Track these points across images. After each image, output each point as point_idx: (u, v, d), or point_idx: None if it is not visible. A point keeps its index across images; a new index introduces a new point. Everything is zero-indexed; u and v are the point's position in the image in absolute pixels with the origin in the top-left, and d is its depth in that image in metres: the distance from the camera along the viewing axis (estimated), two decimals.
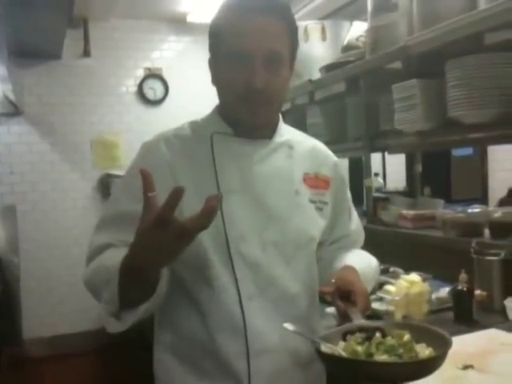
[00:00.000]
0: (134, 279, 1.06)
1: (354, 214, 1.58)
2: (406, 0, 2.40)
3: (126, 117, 4.65)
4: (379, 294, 2.09)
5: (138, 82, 4.69)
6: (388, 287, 2.05)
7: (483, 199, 3.34)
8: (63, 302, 4.40)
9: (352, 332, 1.13)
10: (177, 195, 0.93)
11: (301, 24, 3.27)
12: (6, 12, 3.05)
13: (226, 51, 1.27)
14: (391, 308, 1.92)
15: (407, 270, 2.28)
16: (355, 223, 1.57)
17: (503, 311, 1.85)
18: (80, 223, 4.43)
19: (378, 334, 1.11)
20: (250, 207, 1.30)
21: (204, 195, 1.26)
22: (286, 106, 3.56)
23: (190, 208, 1.00)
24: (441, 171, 3.96)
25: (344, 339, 1.12)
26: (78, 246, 4.41)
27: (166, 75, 4.73)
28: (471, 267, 2.00)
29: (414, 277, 1.99)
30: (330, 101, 3.20)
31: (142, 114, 4.69)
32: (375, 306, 2.00)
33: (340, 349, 1.09)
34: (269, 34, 1.25)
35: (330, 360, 1.08)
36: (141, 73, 4.70)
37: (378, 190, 3.70)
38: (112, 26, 4.55)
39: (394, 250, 2.67)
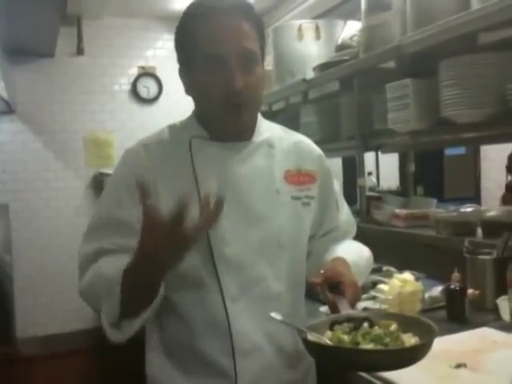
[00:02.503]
0: (137, 285, 1.10)
1: (344, 204, 1.58)
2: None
3: (120, 115, 4.63)
4: (372, 292, 2.10)
5: (131, 80, 4.67)
6: (381, 286, 2.05)
7: (476, 198, 3.36)
8: (56, 302, 4.38)
9: (340, 322, 1.13)
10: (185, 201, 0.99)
11: (295, 23, 3.28)
12: None
13: (200, 57, 1.26)
14: (384, 307, 1.93)
15: (400, 269, 2.29)
16: (345, 214, 1.57)
17: (495, 310, 1.86)
18: (73, 222, 4.41)
19: (365, 324, 1.11)
20: (232, 210, 1.29)
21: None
22: (280, 105, 3.56)
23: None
24: (434, 170, 3.97)
25: (332, 329, 1.13)
26: (71, 245, 4.34)
27: (159, 74, 4.71)
28: (464, 266, 2.01)
29: (407, 276, 2.00)
30: (324, 100, 3.21)
31: (136, 113, 4.67)
32: (368, 304, 2.01)
33: (327, 338, 1.09)
34: (239, 34, 1.25)
35: (315, 348, 1.09)
36: (134, 71, 4.69)
37: (372, 189, 3.71)
38: (105, 24, 4.53)
39: (387, 249, 2.68)
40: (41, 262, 4.38)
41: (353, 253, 1.43)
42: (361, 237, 1.64)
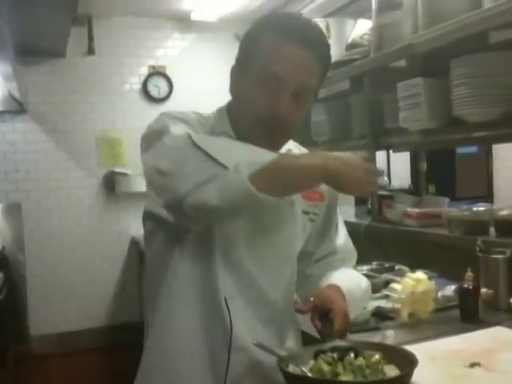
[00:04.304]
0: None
1: (343, 230, 1.56)
2: None
3: (130, 114, 4.65)
4: (385, 292, 2.09)
5: (142, 79, 4.69)
6: (394, 285, 2.05)
7: (488, 197, 3.34)
8: (68, 300, 4.41)
9: (324, 351, 1.12)
10: None
11: None
12: (10, 11, 3.05)
13: (259, 71, 1.26)
14: (397, 306, 1.93)
15: (413, 268, 2.28)
16: (343, 239, 1.55)
17: (509, 309, 1.85)
18: (84, 221, 4.45)
19: (352, 355, 1.10)
20: None
21: None
22: None
23: None
24: (445, 169, 3.95)
25: (316, 358, 1.12)
26: (83, 244, 4.43)
27: (170, 73, 4.72)
28: (477, 265, 2.00)
29: (420, 275, 1.99)
30: (335, 99, 3.20)
31: (146, 112, 4.67)
32: (381, 304, 2.00)
33: (309, 368, 1.08)
34: (305, 69, 1.26)
35: (291, 378, 1.07)
36: (145, 70, 4.70)
37: (383, 187, 3.70)
38: (116, 24, 4.55)
39: (399, 248, 2.67)
40: (53, 261, 4.41)
41: (349, 281, 1.41)
42: (373, 236, 1.63)
